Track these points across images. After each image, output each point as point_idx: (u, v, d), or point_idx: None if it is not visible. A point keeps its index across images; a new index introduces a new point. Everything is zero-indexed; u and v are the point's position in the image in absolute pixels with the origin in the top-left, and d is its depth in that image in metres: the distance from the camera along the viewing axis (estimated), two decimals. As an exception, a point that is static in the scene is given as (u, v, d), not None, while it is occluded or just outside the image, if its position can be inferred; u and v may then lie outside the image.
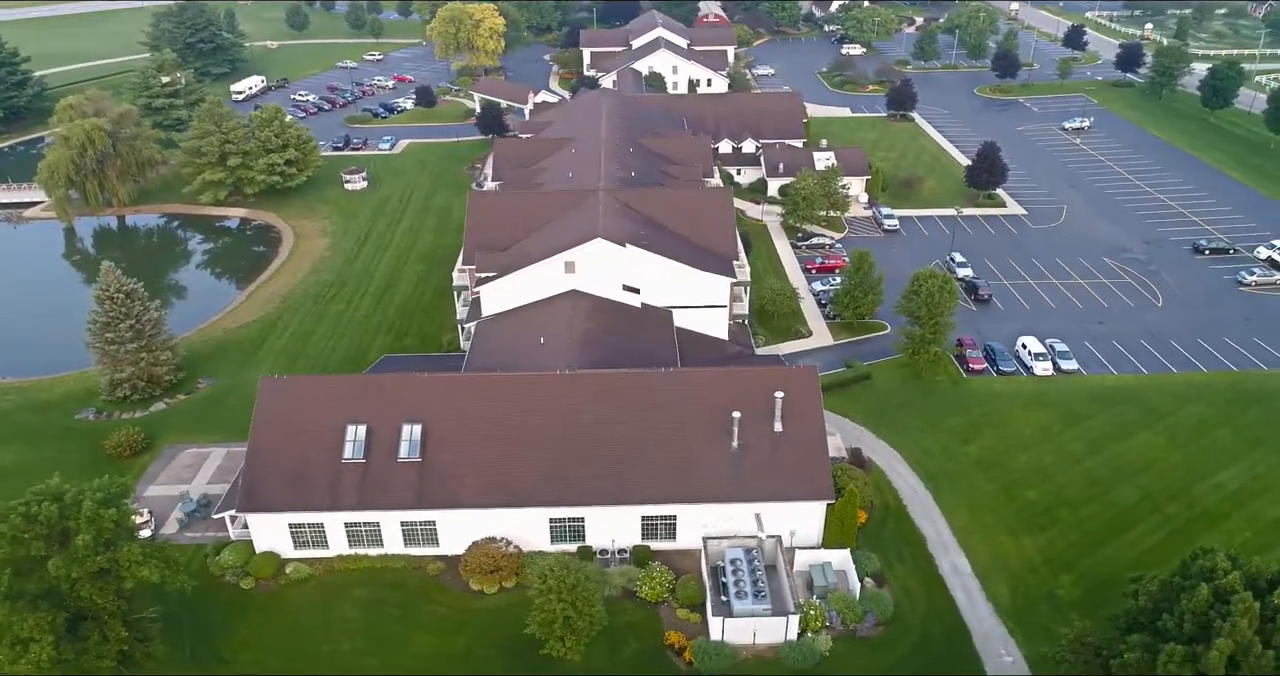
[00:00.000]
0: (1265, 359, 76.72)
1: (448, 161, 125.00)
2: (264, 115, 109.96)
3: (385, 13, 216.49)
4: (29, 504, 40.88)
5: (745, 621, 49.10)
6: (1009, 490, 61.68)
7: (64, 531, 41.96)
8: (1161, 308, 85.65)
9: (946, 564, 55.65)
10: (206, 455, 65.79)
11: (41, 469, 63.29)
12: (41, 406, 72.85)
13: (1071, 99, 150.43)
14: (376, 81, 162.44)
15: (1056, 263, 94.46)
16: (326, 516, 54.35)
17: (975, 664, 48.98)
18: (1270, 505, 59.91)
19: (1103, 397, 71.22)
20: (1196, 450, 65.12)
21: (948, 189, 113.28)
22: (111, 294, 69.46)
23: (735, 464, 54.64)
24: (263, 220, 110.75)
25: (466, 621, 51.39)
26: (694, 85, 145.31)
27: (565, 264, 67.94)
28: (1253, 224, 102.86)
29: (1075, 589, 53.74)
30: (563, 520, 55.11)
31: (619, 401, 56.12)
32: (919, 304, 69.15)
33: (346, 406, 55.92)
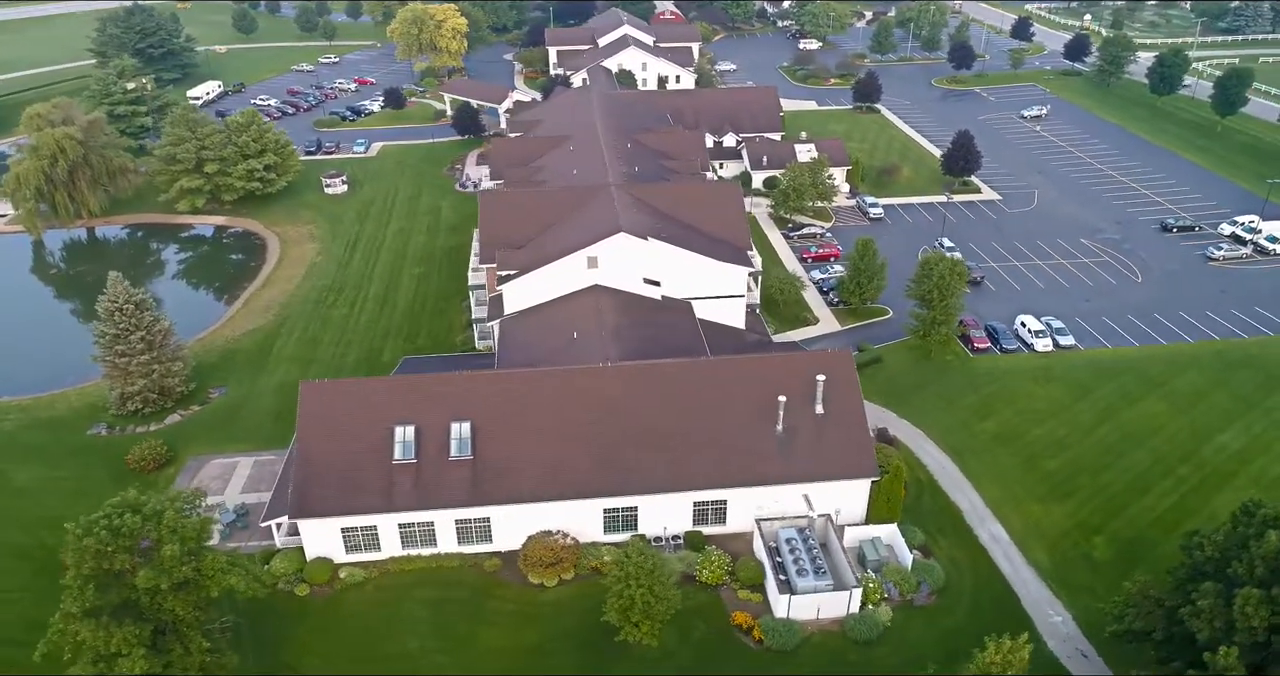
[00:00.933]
0: (1244, 328, 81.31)
1: (426, 163, 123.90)
2: (240, 120, 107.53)
3: (333, 15, 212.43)
4: (109, 516, 39.93)
5: (809, 598, 50.56)
6: (1031, 461, 64.43)
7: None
8: (1141, 284, 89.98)
9: (985, 533, 58.02)
10: (234, 465, 64.60)
11: (63, 487, 62.17)
12: (48, 424, 70.50)
13: (1025, 88, 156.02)
14: (338, 85, 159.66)
15: (1037, 244, 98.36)
16: (380, 518, 54.04)
17: (1027, 624, 51.19)
18: (1272, 462, 63.80)
19: (1103, 370, 74.72)
20: (1197, 415, 68.90)
21: (923, 177, 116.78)
22: (120, 305, 67.61)
23: (781, 446, 56.04)
24: (243, 227, 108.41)
25: (533, 614, 51.77)
26: (663, 82, 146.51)
27: (588, 259, 68.50)
28: (1212, 202, 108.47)
29: (1108, 549, 56.61)
30: (616, 510, 55.81)
31: (664, 391, 57.01)
32: (930, 286, 71.55)
33: (392, 408, 55.63)
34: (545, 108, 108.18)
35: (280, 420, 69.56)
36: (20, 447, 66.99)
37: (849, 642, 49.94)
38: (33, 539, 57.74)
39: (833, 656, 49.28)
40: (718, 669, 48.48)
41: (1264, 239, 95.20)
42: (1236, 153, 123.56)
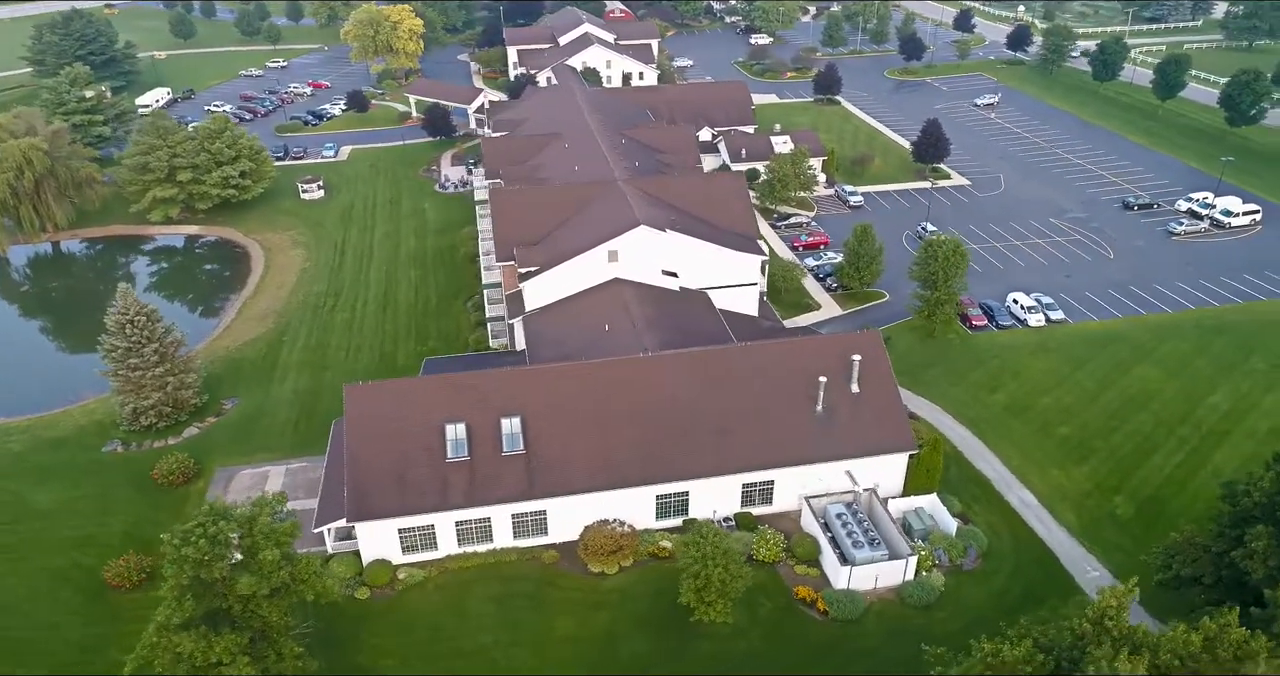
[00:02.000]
0: (1213, 297, 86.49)
1: (400, 165, 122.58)
2: (213, 126, 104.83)
3: (272, 18, 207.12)
4: (204, 525, 39.25)
5: (868, 568, 52.49)
6: (1044, 429, 67.69)
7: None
8: (1114, 259, 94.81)
9: (1015, 499, 60.87)
10: (264, 474, 63.50)
11: (87, 506, 60.49)
12: (57, 444, 68.08)
13: (974, 77, 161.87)
14: (292, 89, 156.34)
15: (1011, 226, 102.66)
16: (437, 517, 54.03)
17: (1069, 581, 54.10)
18: (1261, 419, 68.28)
19: (1094, 341, 78.73)
20: (1186, 379, 73.23)
21: (892, 165, 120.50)
22: (131, 317, 65.72)
23: (822, 426, 57.88)
24: (221, 236, 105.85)
25: (599, 602, 52.48)
26: (627, 79, 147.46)
27: (609, 253, 69.33)
28: (1164, 181, 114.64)
29: (1129, 507, 60.03)
30: (668, 496, 56.87)
31: (705, 377, 58.29)
32: (936, 268, 74.39)
33: (439, 406, 55.61)
34: (525, 106, 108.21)
35: (302, 427, 68.84)
36: (33, 469, 64.60)
37: (908, 609, 52.04)
38: (68, 560, 55.98)
39: (894, 623, 51.30)
40: (788, 642, 50.02)
41: (1219, 213, 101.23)
42: (1178, 134, 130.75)
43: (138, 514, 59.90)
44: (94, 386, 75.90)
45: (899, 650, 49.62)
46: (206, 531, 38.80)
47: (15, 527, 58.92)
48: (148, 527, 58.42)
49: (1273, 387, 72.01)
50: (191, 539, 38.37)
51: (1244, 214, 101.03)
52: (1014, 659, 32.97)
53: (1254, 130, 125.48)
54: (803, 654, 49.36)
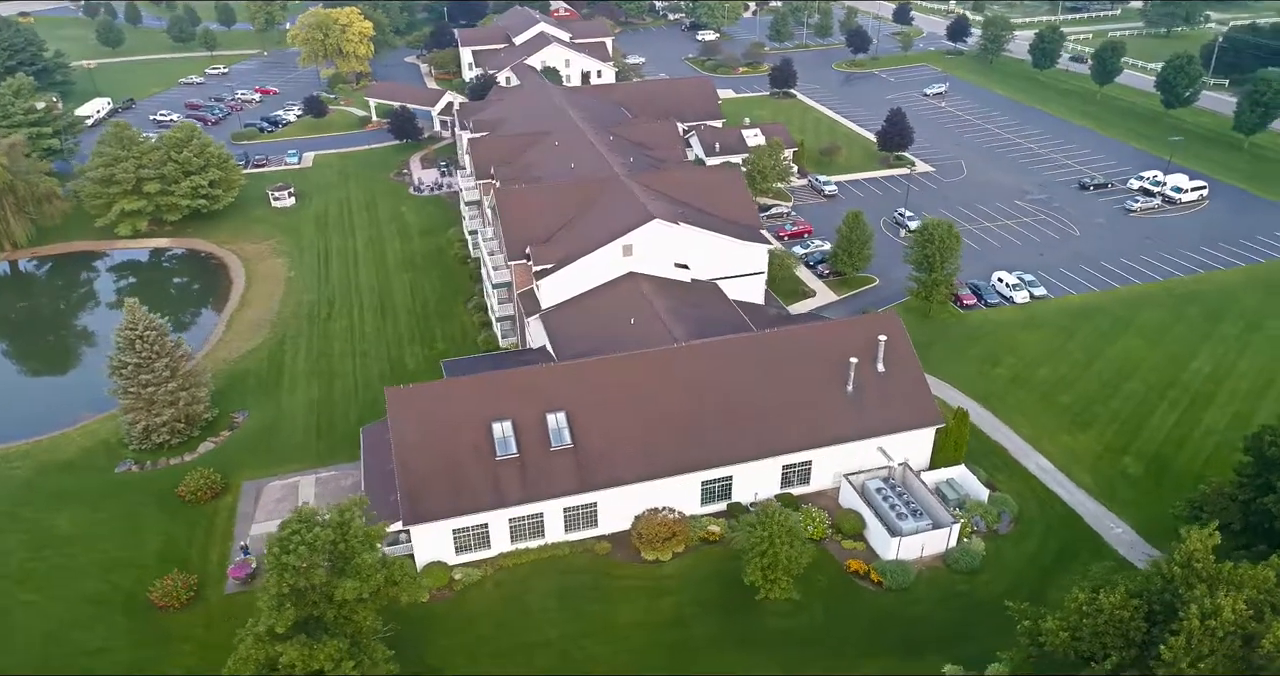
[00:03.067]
0: (1178, 268, 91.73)
1: (368, 169, 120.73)
2: (179, 134, 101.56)
3: (203, 24, 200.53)
4: (299, 532, 38.70)
5: (915, 538, 54.64)
6: (1047, 398, 71.11)
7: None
8: (1080, 237, 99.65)
9: (1032, 465, 63.93)
10: (294, 485, 62.43)
11: (113, 528, 58.94)
12: (64, 467, 65.56)
13: (919, 68, 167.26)
14: (240, 96, 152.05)
15: (979, 208, 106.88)
16: (491, 515, 54.12)
17: (1097, 538, 57.23)
18: (1240, 380, 73.05)
19: (1077, 314, 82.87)
20: (1168, 345, 77.78)
21: (856, 155, 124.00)
22: (140, 332, 63.74)
23: (854, 405, 59.87)
24: (194, 248, 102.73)
25: (660, 588, 53.39)
26: (586, 77, 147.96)
27: (623, 247, 70.09)
28: (1111, 161, 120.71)
29: (1137, 466, 63.67)
30: (713, 481, 58.10)
31: (739, 363, 59.68)
32: (933, 250, 77.30)
33: (483, 405, 55.68)
34: (501, 107, 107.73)
35: (324, 436, 67.89)
36: (46, 494, 62.15)
37: (954, 574, 54.38)
38: (105, 584, 54.24)
39: (944, 588, 53.55)
40: (848, 613, 51.76)
41: (1169, 190, 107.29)
42: (1119, 116, 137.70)
43: (168, 532, 58.28)
44: (89, 407, 73.61)
45: (951, 614, 51.96)
46: (304, 538, 38.34)
47: (41, 554, 56.74)
48: (181, 546, 57.23)
49: (1245, 350, 77.08)
50: (291, 546, 37.85)
51: (1192, 190, 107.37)
52: (1110, 605, 35.20)
53: (1187, 112, 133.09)
54: (864, 623, 51.17)
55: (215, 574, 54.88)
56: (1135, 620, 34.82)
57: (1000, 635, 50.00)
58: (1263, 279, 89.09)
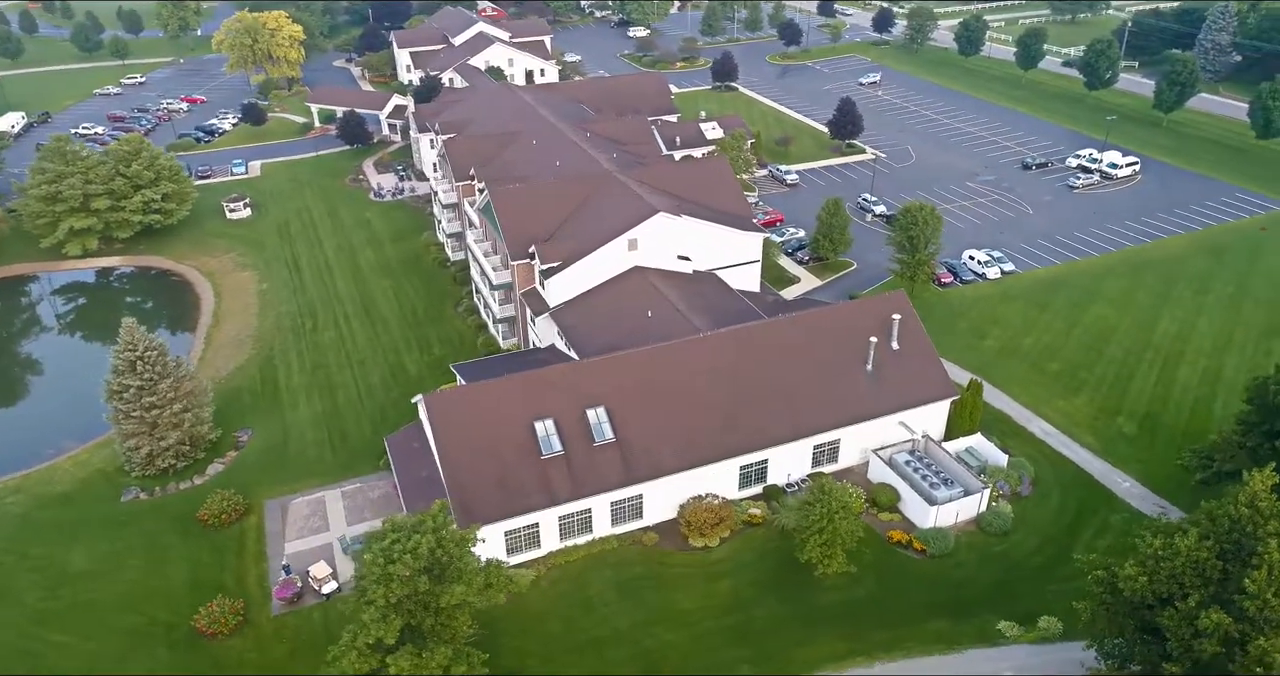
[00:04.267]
0: (1126, 239, 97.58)
1: (321, 176, 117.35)
2: (127, 147, 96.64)
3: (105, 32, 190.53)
4: (399, 541, 37.82)
5: (950, 506, 56.96)
6: (1036, 367, 74.84)
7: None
8: (1034, 214, 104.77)
9: (1036, 429, 67.29)
10: (320, 500, 60.68)
11: (134, 560, 56.76)
12: (63, 500, 62.08)
13: (850, 59, 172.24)
14: (167, 105, 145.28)
15: (935, 191, 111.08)
16: (542, 515, 53.92)
17: (1109, 493, 60.74)
18: (1203, 338, 78.36)
19: (1048, 286, 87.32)
20: (1134, 311, 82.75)
21: (807, 144, 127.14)
22: (141, 353, 60.79)
23: (875, 383, 61.94)
24: (150, 265, 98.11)
25: (715, 572, 54.22)
26: (529, 76, 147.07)
27: (629, 242, 70.44)
28: (1046, 142, 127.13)
29: (1131, 425, 67.74)
30: (750, 465, 59.23)
31: (764, 349, 60.93)
32: (917, 232, 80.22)
33: (522, 405, 55.36)
34: (465, 108, 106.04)
35: (338, 449, 66.24)
36: (51, 529, 58.76)
37: (989, 536, 56.93)
38: (140, 616, 51.81)
39: (981, 550, 56.02)
40: (899, 581, 53.62)
41: (1106, 167, 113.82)
42: (1046, 99, 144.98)
43: (195, 558, 55.96)
44: (72, 436, 70.23)
45: (992, 574, 54.48)
46: (406, 547, 37.56)
47: (58, 593, 53.73)
48: (213, 571, 55.15)
49: (1202, 311, 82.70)
50: (395, 556, 37.04)
51: (1126, 166, 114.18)
52: (1186, 547, 37.79)
53: (1107, 93, 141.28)
54: (914, 590, 53.13)
55: (257, 596, 53.02)
56: (1210, 559, 37.52)
57: (1041, 590, 53.26)
58: (1202, 245, 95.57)
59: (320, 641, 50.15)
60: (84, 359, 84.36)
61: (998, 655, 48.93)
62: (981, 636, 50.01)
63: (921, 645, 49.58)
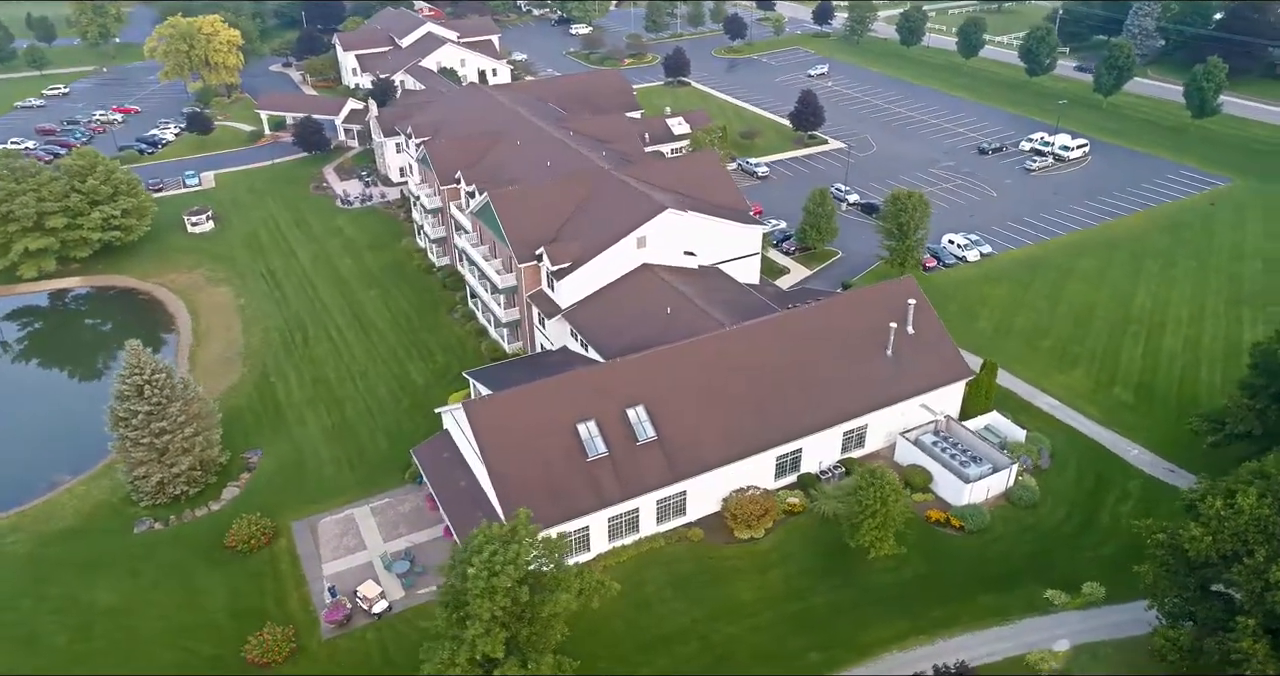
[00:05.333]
0: (1090, 218, 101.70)
1: (282, 185, 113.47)
2: (80, 162, 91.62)
3: (20, 41, 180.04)
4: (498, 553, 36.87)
5: (981, 483, 58.66)
6: (1030, 344, 77.53)
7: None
8: (999, 197, 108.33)
9: (1043, 404, 69.75)
10: (348, 518, 58.86)
11: (163, 594, 54.29)
12: (70, 536, 58.71)
13: (794, 51, 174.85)
14: (99, 117, 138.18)
15: (901, 178, 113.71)
16: (592, 518, 53.47)
17: (1121, 460, 63.38)
18: (1179, 308, 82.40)
19: (1026, 266, 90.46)
20: (1109, 286, 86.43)
21: (770, 136, 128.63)
22: (149, 376, 57.86)
23: (895, 367, 63.29)
24: (112, 284, 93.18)
25: (766, 563, 54.67)
26: (482, 76, 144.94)
27: (638, 240, 70.26)
28: (997, 127, 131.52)
29: (1128, 394, 70.82)
30: (785, 455, 59.85)
31: (789, 340, 61.66)
32: (907, 219, 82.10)
33: (562, 408, 54.79)
34: (436, 110, 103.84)
35: (356, 465, 64.44)
36: (62, 568, 55.50)
37: (1019, 509, 58.82)
38: (182, 652, 49.55)
39: (1014, 523, 57.83)
40: (944, 558, 54.93)
41: (1058, 149, 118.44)
42: (989, 86, 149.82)
43: (230, 587, 53.71)
44: (62, 468, 66.51)
45: (1029, 545, 56.34)
46: (508, 558, 36.75)
47: (90, 633, 50.91)
48: (252, 598, 53.07)
49: (1173, 283, 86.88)
50: (498, 568, 36.19)
51: (1077, 148, 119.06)
52: (1249, 505, 39.84)
53: (1047, 79, 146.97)
54: (960, 565, 54.54)
55: (303, 621, 51.17)
56: (1273, 516, 39.67)
57: (1076, 557, 55.32)
58: (1160, 222, 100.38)
59: (376, 662, 49.08)
60: (57, 387, 79.98)
61: (1050, 623, 50.71)
62: (1031, 606, 51.74)
63: (976, 619, 51.04)
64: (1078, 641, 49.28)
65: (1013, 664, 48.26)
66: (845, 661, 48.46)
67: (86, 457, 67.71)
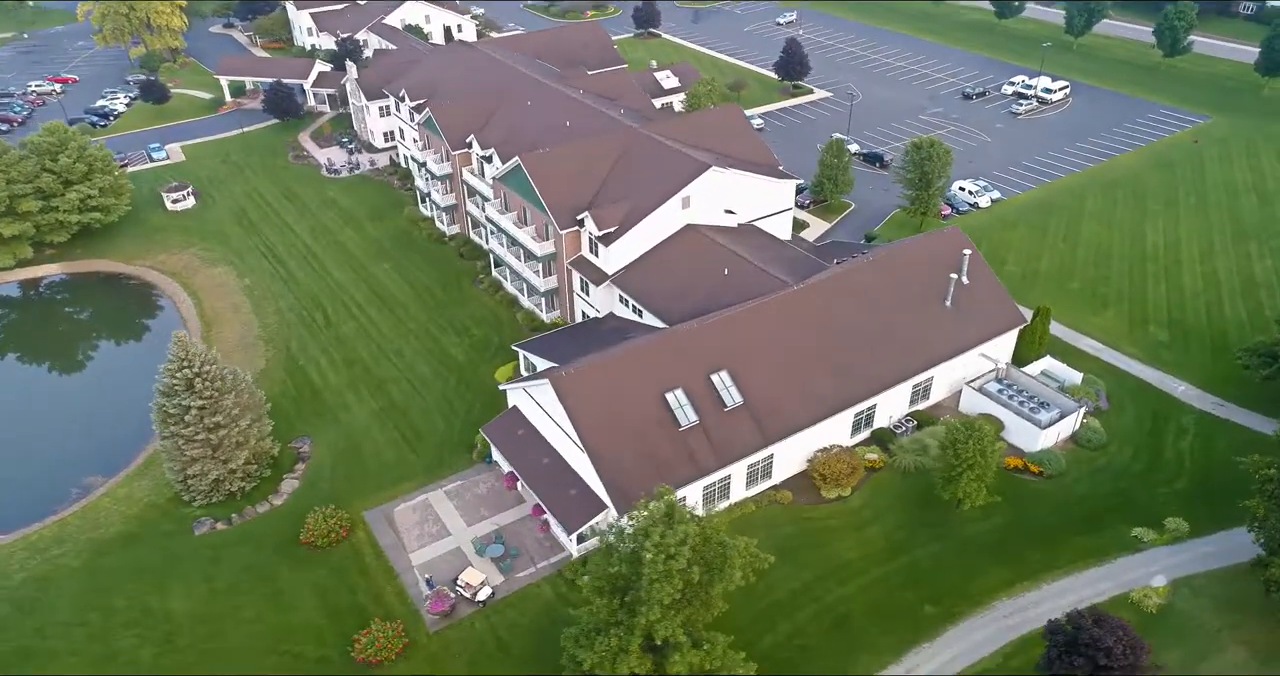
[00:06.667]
0: (1086, 159, 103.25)
1: (257, 155, 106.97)
2: (50, 138, 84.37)
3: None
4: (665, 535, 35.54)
5: (1053, 428, 59.59)
6: (1060, 287, 78.71)
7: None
8: (992, 142, 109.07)
9: (1085, 346, 71.06)
10: (423, 504, 56.64)
11: (247, 595, 51.90)
12: (123, 543, 55.07)
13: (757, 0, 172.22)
14: (35, 88, 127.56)
15: (893, 127, 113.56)
16: (690, 488, 52.50)
17: (1170, 398, 65.14)
18: (1190, 245, 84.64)
19: (1037, 209, 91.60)
20: (1120, 226, 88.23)
21: (754, 88, 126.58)
22: (199, 369, 54.07)
23: (955, 317, 63.47)
24: (95, 270, 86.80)
25: (859, 520, 54.77)
26: (448, 32, 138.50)
27: (683, 200, 68.34)
28: (974, 71, 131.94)
29: (1162, 332, 72.69)
30: (862, 412, 59.69)
31: (852, 295, 61.20)
32: (931, 167, 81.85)
33: (648, 377, 53.37)
34: (428, 69, 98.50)
35: (416, 446, 62.03)
36: (124, 577, 52.07)
37: (1088, 451, 60.03)
38: (284, 657, 47.37)
39: (1087, 465, 59.02)
40: (1030, 504, 55.77)
41: (1041, 92, 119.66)
42: (959, 30, 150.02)
43: (317, 584, 51.28)
44: (89, 469, 62.34)
45: (1105, 485, 57.62)
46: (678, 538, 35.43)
47: (174, 644, 48.04)
48: (343, 595, 50.86)
49: (1178, 221, 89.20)
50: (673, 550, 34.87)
51: (1058, 90, 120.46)
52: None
53: (1015, 22, 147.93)
54: (1045, 510, 55.45)
55: (404, 614, 49.14)
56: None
57: (1152, 494, 56.84)
58: (1152, 160, 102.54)
59: (491, 650, 47.67)
60: (59, 383, 74.54)
61: (1143, 560, 52.18)
62: (1121, 545, 53.10)
63: (1073, 561, 52.16)
64: (1173, 576, 50.88)
65: (1117, 603, 49.53)
66: (961, 613, 49.06)
67: (113, 456, 63.71)
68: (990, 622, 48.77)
